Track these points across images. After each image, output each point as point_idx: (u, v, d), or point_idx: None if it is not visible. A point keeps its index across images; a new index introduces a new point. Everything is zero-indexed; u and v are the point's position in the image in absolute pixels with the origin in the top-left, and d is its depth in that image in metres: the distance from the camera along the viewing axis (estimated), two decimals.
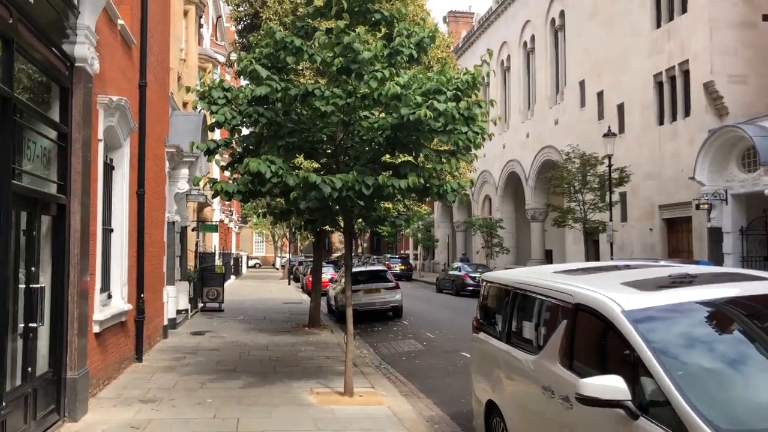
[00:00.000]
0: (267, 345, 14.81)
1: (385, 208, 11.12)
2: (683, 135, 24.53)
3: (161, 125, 14.90)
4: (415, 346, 15.69)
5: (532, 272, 6.79)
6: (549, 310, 5.62)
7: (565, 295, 5.29)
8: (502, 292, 6.79)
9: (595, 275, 5.99)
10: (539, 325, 5.83)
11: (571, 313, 5.14)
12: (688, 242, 24.74)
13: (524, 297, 6.18)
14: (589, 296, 4.94)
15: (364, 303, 20.51)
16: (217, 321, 19.76)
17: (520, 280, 6.37)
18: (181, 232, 20.02)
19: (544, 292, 5.72)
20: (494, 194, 44.27)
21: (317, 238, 17.86)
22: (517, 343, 6.14)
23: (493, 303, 7.17)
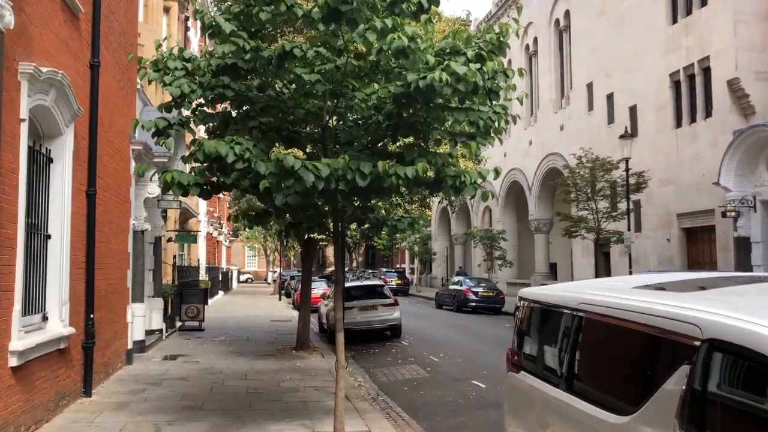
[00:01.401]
0: (246, 372, 12.72)
1: (384, 209, 9.10)
2: (704, 137, 22.65)
3: (125, 117, 12.89)
4: (418, 372, 13.62)
5: (597, 288, 4.77)
6: (648, 347, 3.61)
7: (683, 325, 3.29)
8: (554, 315, 4.78)
9: (716, 293, 3.99)
10: (630, 369, 3.82)
11: (697, 353, 3.14)
12: (711, 253, 22.79)
13: (595, 325, 4.17)
14: (736, 328, 2.95)
15: (360, 321, 18.46)
16: (194, 342, 17.65)
17: (586, 300, 4.36)
18: (155, 242, 17.99)
19: (637, 319, 3.71)
20: (495, 205, 42.30)
21: (306, 248, 15.82)
22: (586, 394, 4.12)
23: (539, 330, 5.16)
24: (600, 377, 4.17)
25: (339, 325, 7.56)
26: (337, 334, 7.63)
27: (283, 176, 6.09)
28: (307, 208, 7.56)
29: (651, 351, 3.57)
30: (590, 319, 4.22)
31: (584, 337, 4.30)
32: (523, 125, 38.20)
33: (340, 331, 7.58)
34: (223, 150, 5.98)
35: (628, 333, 3.78)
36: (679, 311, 3.38)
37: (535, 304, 5.20)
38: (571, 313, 4.43)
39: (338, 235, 7.76)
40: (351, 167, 6.37)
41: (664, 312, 3.48)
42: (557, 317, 4.66)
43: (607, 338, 4.07)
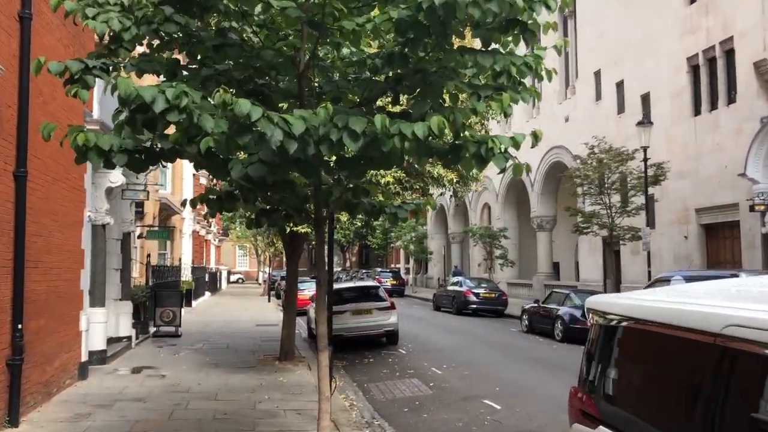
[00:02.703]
0: (218, 390, 10.81)
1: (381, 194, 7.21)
2: (727, 125, 20.86)
3: None
4: (419, 388, 11.74)
5: (740, 298, 2.89)
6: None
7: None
8: (672, 344, 2.90)
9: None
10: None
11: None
12: (734, 251, 20.99)
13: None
14: None
15: (352, 327, 16.57)
16: (166, 351, 15.73)
17: (744, 322, 2.48)
18: (123, 239, 16.06)
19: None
20: (494, 202, 40.48)
21: (290, 244, 13.92)
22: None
23: (642, 365, 3.28)
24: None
25: (322, 342, 5.69)
26: (319, 355, 5.75)
27: (236, 132, 4.20)
28: (279, 187, 5.67)
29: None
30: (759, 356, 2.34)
31: (741, 383, 2.43)
32: (524, 117, 36.41)
33: (323, 351, 5.69)
34: (147, 94, 4.08)
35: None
36: None
37: (628, 322, 3.32)
38: (714, 343, 2.56)
39: (321, 223, 5.88)
40: (337, 124, 4.48)
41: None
42: (680, 347, 2.78)
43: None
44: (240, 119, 4.09)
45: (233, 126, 4.21)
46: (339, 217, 11.34)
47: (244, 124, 4.11)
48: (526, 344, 18.00)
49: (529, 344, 18.01)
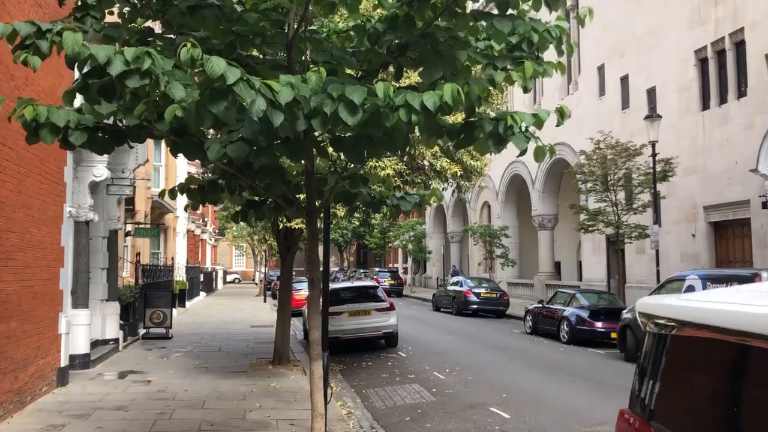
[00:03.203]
0: (205, 397, 10.09)
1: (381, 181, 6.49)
2: (737, 119, 20.17)
3: (55, 77, 10.26)
4: (421, 395, 11.02)
5: None
6: None
7: None
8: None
9: None
10: None
11: None
12: (744, 249, 20.30)
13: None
14: None
15: (349, 329, 15.87)
16: (155, 354, 15.01)
17: None
18: (109, 236, 15.33)
19: None
20: (494, 200, 39.75)
21: (285, 241, 13.18)
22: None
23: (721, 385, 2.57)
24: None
25: (315, 350, 4.97)
26: (311, 364, 5.04)
27: (208, 99, 3.49)
28: (266, 173, 4.95)
29: None
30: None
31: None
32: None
33: (316, 359, 4.98)
34: (101, 54, 3.37)
35: None
36: None
37: (703, 331, 2.61)
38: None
39: (313, 215, 5.17)
40: (331, 94, 3.77)
41: None
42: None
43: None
44: (214, 82, 3.38)
45: (210, 92, 3.50)
46: (335, 211, 10.62)
47: (218, 89, 3.41)
48: (531, 346, 17.30)
49: (534, 346, 17.32)
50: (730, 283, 11.45)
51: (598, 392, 11.09)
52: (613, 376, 12.49)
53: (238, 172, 4.80)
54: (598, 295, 19.84)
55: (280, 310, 13.55)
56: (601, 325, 16.97)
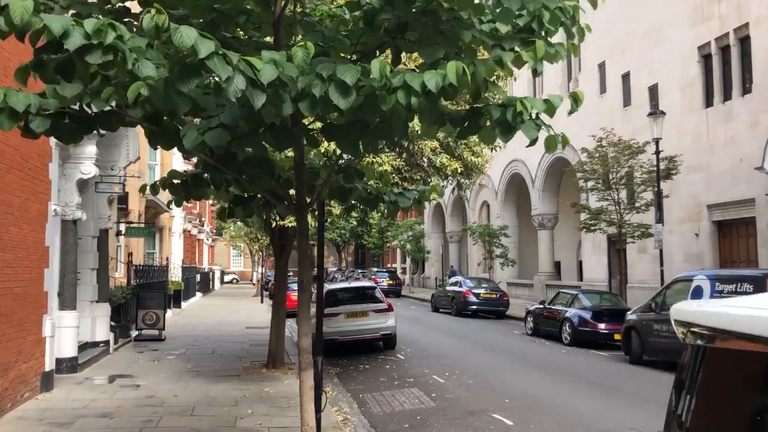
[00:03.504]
0: (196, 403, 9.68)
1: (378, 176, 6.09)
2: (741, 116, 19.78)
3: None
4: (421, 400, 10.62)
5: None
6: None
7: None
8: None
9: None
10: None
11: None
12: (749, 249, 19.91)
13: None
14: None
15: (347, 331, 15.48)
16: (146, 357, 14.60)
17: None
18: (100, 236, 14.91)
19: None
20: (493, 199, 39.35)
21: (279, 240, 12.77)
22: None
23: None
24: None
25: (304, 358, 4.58)
26: (301, 375, 4.64)
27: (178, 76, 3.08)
28: (252, 165, 4.54)
29: None
30: None
31: None
32: None
33: (306, 369, 4.57)
34: (56, 25, 2.96)
35: None
36: None
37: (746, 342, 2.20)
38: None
39: (304, 211, 4.76)
40: (321, 74, 3.36)
41: None
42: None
43: None
44: (185, 57, 2.97)
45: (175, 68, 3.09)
46: (331, 209, 10.20)
47: (189, 64, 3.00)
48: (533, 348, 16.90)
49: (536, 348, 16.92)
50: (740, 284, 11.08)
51: (604, 397, 10.70)
52: (618, 380, 12.10)
53: (221, 164, 4.40)
54: (601, 295, 19.45)
55: (275, 312, 13.14)
56: (604, 327, 16.58)
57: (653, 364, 13.65)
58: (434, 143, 10.50)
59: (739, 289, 11.05)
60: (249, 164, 4.57)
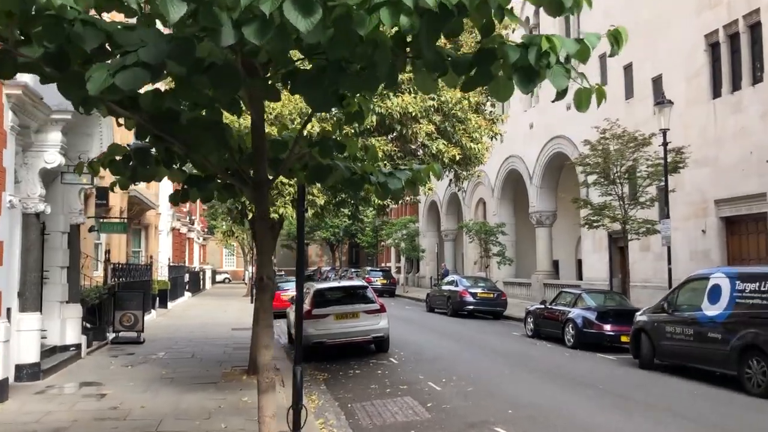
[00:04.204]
0: (164, 416, 8.66)
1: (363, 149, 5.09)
2: (752, 107, 18.86)
3: None
4: (414, 410, 9.62)
5: None
6: None
7: None
8: None
9: None
10: None
11: None
12: (759, 246, 19.00)
13: None
14: None
15: (336, 333, 14.49)
16: (120, 361, 13.58)
17: None
18: (71, 232, 13.87)
19: None
20: (490, 197, 38.39)
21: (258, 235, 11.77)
22: None
23: None
24: None
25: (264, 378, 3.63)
26: (260, 399, 3.65)
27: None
28: (198, 129, 3.53)
29: None
30: None
31: None
32: (522, 107, 34.39)
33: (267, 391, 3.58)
34: None
35: None
36: None
37: None
38: None
39: (263, 188, 3.77)
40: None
41: None
42: None
43: None
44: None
45: None
46: (315, 199, 9.11)
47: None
48: (534, 351, 15.93)
49: (538, 351, 15.95)
50: (765, 282, 10.13)
51: (617, 407, 9.73)
52: (629, 387, 11.13)
53: (157, 127, 3.40)
54: (605, 295, 18.49)
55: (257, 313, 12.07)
56: (609, 328, 15.62)
57: (665, 368, 12.71)
58: (430, 127, 9.52)
59: (763, 287, 10.11)
60: (195, 127, 3.58)
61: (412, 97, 9.22)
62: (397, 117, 9.20)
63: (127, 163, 4.59)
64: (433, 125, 9.66)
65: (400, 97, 9.13)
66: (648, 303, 20.91)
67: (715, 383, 11.29)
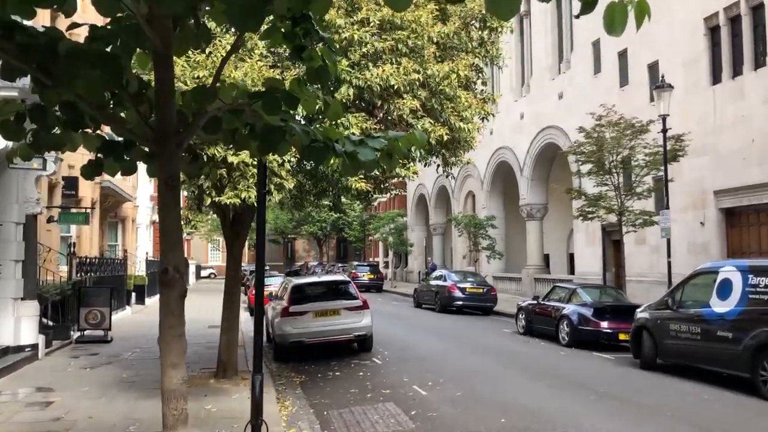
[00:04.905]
0: (111, 428, 7.65)
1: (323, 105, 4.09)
2: (754, 92, 17.99)
3: None
4: (397, 419, 8.64)
5: None
6: None
7: None
8: None
9: None
10: None
11: None
12: (760, 239, 18.16)
13: None
14: None
15: (316, 332, 13.51)
16: (80, 363, 12.56)
17: None
18: (27, 223, 12.79)
19: None
20: (479, 189, 37.45)
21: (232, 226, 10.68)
22: None
23: None
24: None
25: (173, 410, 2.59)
26: None
27: None
28: (85, 66, 2.51)
29: None
30: None
31: None
32: (513, 96, 33.48)
33: (173, 429, 2.56)
34: None
35: None
36: None
37: None
38: None
39: (167, 144, 2.76)
40: None
41: None
42: None
43: None
44: None
45: None
46: (284, 182, 7.97)
47: None
48: (527, 350, 15.00)
49: (531, 350, 15.02)
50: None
51: (623, 414, 8.80)
52: (633, 391, 10.20)
53: (29, 62, 2.40)
54: (601, 290, 17.58)
55: (227, 311, 11.09)
56: (607, 325, 14.71)
57: (668, 369, 11.80)
58: (415, 103, 8.51)
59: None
60: (79, 63, 2.58)
61: (394, 68, 8.21)
62: (378, 91, 8.20)
63: (19, 122, 3.57)
64: (418, 101, 8.66)
65: (380, 68, 8.12)
66: (644, 298, 20.06)
67: (725, 386, 10.38)
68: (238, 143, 3.98)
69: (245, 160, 7.39)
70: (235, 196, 7.87)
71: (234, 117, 3.50)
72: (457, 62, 9.23)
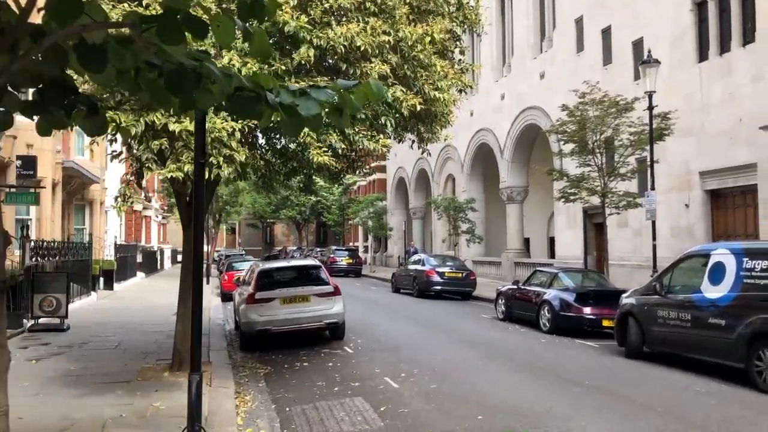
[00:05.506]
0: (43, 429, 6.80)
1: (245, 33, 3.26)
2: (742, 69, 17.35)
3: None
4: (365, 416, 7.88)
5: None
6: None
7: None
8: None
9: None
10: None
11: None
12: (747, 221, 17.62)
13: None
14: None
15: (283, 320, 12.70)
16: (27, 354, 11.64)
17: None
18: None
19: None
20: (459, 172, 36.73)
21: (188, 206, 9.79)
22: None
23: None
24: None
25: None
26: None
27: None
28: None
29: None
30: None
31: None
32: (493, 77, 32.71)
33: None
34: None
35: None
36: None
37: None
38: None
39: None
40: None
41: None
42: None
43: None
44: None
45: None
46: (234, 154, 7.12)
47: None
48: (507, 337, 14.32)
49: (510, 337, 14.35)
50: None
51: (612, 408, 8.10)
52: (620, 383, 9.52)
53: None
54: (583, 274, 16.96)
55: (182, 300, 10.25)
56: (590, 312, 14.07)
57: (655, 358, 11.16)
58: (384, 68, 7.64)
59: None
60: None
61: (361, 28, 7.35)
62: (342, 52, 7.34)
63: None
64: (388, 66, 7.82)
65: (344, 26, 7.25)
66: (626, 282, 19.51)
67: (717, 376, 9.75)
68: (146, 92, 3.15)
69: (189, 128, 6.52)
70: (178, 169, 6.99)
71: (122, 48, 2.69)
72: (432, 25, 8.40)
